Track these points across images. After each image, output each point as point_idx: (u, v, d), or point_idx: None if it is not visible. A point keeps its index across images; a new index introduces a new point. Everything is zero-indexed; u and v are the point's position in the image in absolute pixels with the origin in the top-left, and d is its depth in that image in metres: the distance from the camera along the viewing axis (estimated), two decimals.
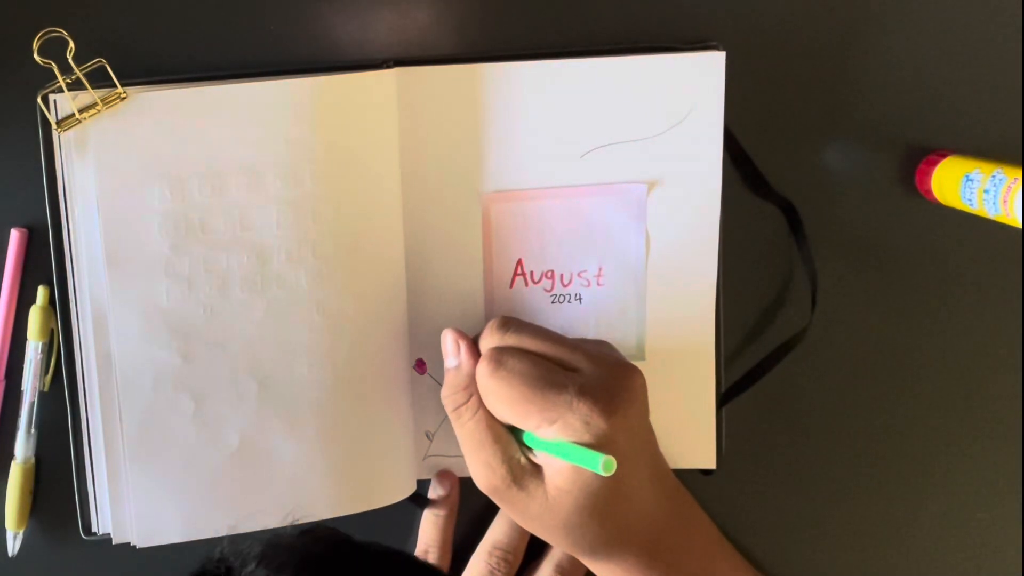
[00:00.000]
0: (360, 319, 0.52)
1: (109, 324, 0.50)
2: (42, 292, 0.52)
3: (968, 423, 0.58)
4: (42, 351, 0.52)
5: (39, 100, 0.49)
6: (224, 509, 0.51)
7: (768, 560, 0.57)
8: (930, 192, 0.54)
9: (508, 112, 0.52)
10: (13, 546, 0.53)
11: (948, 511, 0.58)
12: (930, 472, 0.58)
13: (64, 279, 0.50)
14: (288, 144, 0.49)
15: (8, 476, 0.52)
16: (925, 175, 0.54)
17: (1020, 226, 0.48)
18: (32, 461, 0.52)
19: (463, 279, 0.53)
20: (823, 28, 0.54)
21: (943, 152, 0.54)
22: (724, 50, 0.52)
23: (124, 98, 0.48)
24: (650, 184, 0.53)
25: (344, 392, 0.52)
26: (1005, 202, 0.49)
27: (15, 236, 0.51)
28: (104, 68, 0.48)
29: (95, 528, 0.52)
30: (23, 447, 0.52)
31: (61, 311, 0.51)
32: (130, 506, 0.51)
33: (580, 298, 0.54)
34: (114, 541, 0.51)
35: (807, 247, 0.55)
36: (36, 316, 0.51)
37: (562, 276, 0.54)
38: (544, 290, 0.54)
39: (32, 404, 0.52)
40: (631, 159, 0.52)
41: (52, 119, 0.48)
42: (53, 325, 0.52)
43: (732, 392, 0.55)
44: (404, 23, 0.52)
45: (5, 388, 0.52)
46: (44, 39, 0.48)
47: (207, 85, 0.49)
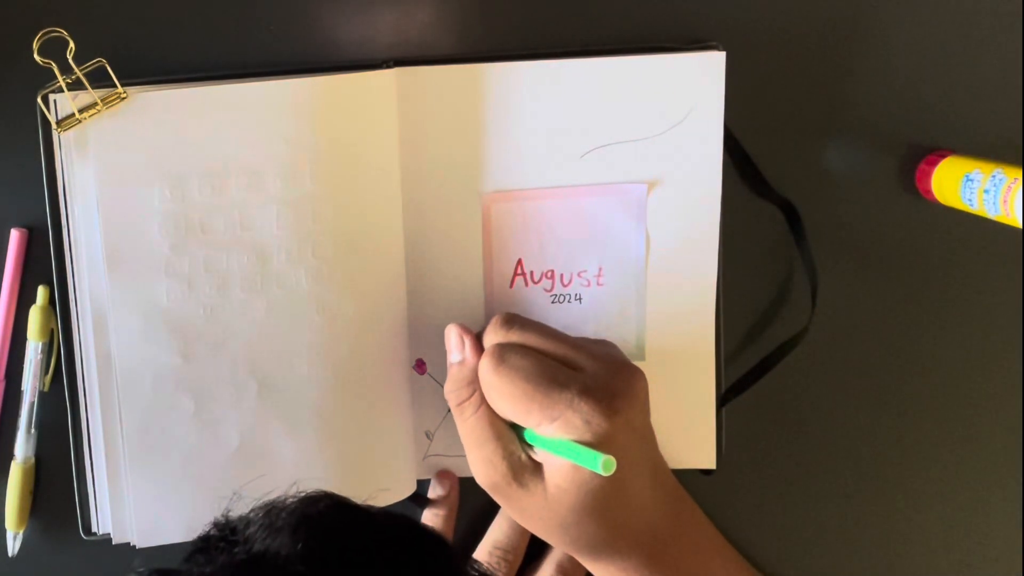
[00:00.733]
0: (360, 319, 0.52)
1: (109, 324, 0.50)
2: (42, 292, 0.52)
3: (968, 423, 0.58)
4: (42, 351, 0.52)
5: (39, 100, 0.49)
6: (224, 509, 0.51)
7: (768, 560, 0.57)
8: (930, 192, 0.54)
9: (508, 112, 0.52)
10: (13, 546, 0.53)
11: (948, 511, 0.58)
12: (930, 472, 0.58)
13: (64, 279, 0.50)
14: (288, 144, 0.49)
15: (8, 476, 0.52)
16: (925, 175, 0.54)
17: (1020, 226, 0.48)
18: (32, 461, 0.53)
19: (463, 279, 0.53)
20: (823, 28, 0.54)
21: (943, 152, 0.54)
22: (724, 50, 0.52)
23: (124, 98, 0.48)
24: (650, 184, 0.53)
25: (344, 392, 0.52)
26: (1005, 202, 0.49)
27: (15, 236, 0.51)
28: (104, 68, 0.48)
29: (95, 528, 0.52)
30: (23, 447, 0.52)
31: (61, 311, 0.51)
32: (130, 506, 0.51)
33: (580, 298, 0.54)
34: (114, 541, 0.51)
35: (807, 247, 0.55)
36: (36, 316, 0.51)
37: (562, 276, 0.54)
38: (544, 290, 0.54)
39: (32, 404, 0.52)
40: (631, 159, 0.52)
41: (52, 119, 0.48)
42: (53, 325, 0.52)
43: (732, 392, 0.55)
44: (404, 23, 0.52)
45: (5, 388, 0.52)
46: (44, 39, 0.48)
47: (207, 85, 0.49)
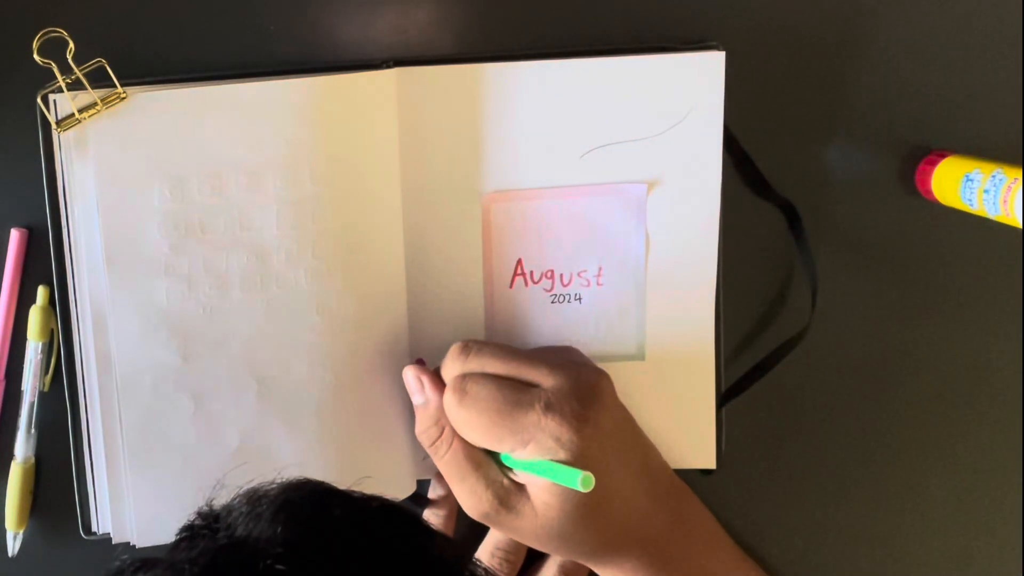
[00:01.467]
0: (360, 319, 0.52)
1: (109, 324, 0.50)
2: (42, 292, 0.52)
3: (968, 423, 0.58)
4: (42, 351, 0.52)
5: (39, 100, 0.49)
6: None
7: (768, 560, 0.57)
8: (930, 192, 0.54)
9: (508, 112, 0.52)
10: (13, 546, 0.53)
11: (948, 511, 0.58)
12: (930, 472, 0.58)
13: (64, 279, 0.50)
14: (288, 144, 0.49)
15: (8, 476, 0.52)
16: (925, 175, 0.54)
17: (1020, 226, 0.48)
18: (32, 461, 0.52)
19: (463, 279, 0.53)
20: (823, 28, 0.54)
21: (943, 152, 0.54)
22: (724, 50, 0.51)
23: (124, 98, 0.48)
24: (650, 184, 0.53)
25: (343, 392, 0.52)
26: (1005, 202, 0.49)
27: (15, 236, 0.51)
28: (104, 68, 0.48)
29: (95, 528, 0.52)
30: (23, 447, 0.52)
31: (61, 311, 0.51)
32: (130, 506, 0.51)
33: (580, 298, 0.54)
34: (114, 541, 0.51)
35: (807, 247, 0.55)
36: (36, 316, 0.51)
37: (562, 276, 0.54)
38: (544, 290, 0.54)
39: (32, 404, 0.52)
40: (631, 159, 0.52)
41: (52, 119, 0.48)
42: (53, 325, 0.52)
43: (732, 392, 0.55)
44: (404, 23, 0.52)
45: (5, 388, 0.52)
46: (44, 39, 0.48)
47: (207, 85, 0.49)
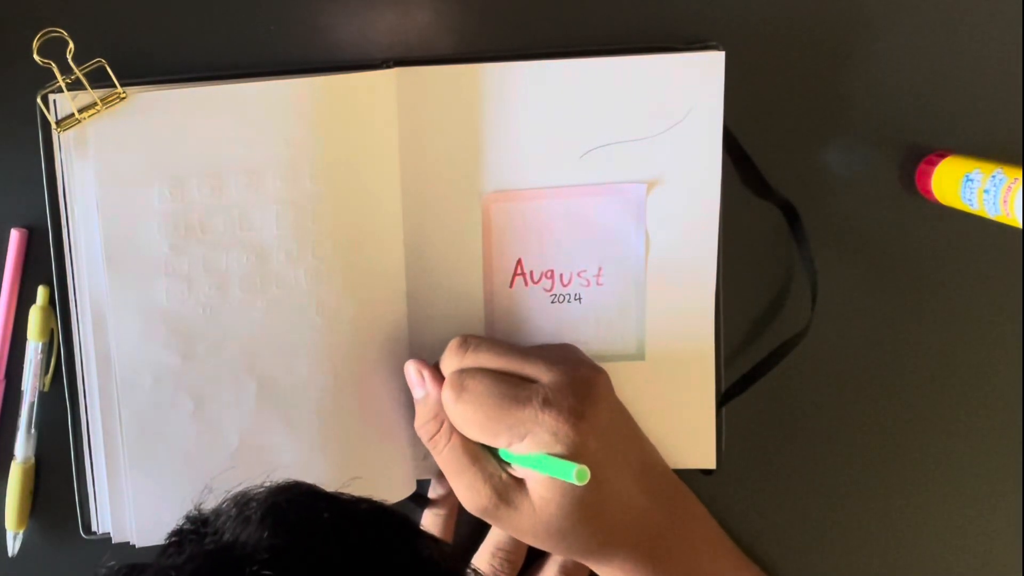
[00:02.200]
0: (360, 319, 0.52)
1: (109, 324, 0.50)
2: (42, 292, 0.52)
3: (968, 423, 0.58)
4: (42, 351, 0.52)
5: (39, 100, 0.49)
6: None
7: (768, 560, 0.57)
8: (930, 192, 0.54)
9: (508, 112, 0.52)
10: (13, 546, 0.53)
11: (948, 511, 0.58)
12: (930, 472, 0.58)
13: (64, 279, 0.50)
14: (288, 144, 0.49)
15: (8, 476, 0.52)
16: (925, 175, 0.54)
17: (1020, 226, 0.48)
18: (32, 461, 0.53)
19: (463, 279, 0.53)
20: (823, 28, 0.54)
21: (943, 152, 0.54)
22: (724, 50, 0.51)
23: (124, 98, 0.48)
24: (650, 184, 0.53)
25: (344, 392, 0.52)
26: (1005, 202, 0.49)
27: (15, 236, 0.51)
28: (104, 68, 0.48)
29: (95, 528, 0.52)
30: (23, 447, 0.52)
31: (61, 311, 0.51)
32: (130, 506, 0.51)
33: (580, 298, 0.54)
34: (114, 541, 0.51)
35: (807, 247, 0.55)
36: (36, 316, 0.51)
37: (562, 276, 0.54)
38: (544, 290, 0.54)
39: (32, 404, 0.52)
40: (631, 159, 0.52)
41: (52, 119, 0.48)
42: (53, 325, 0.52)
43: (732, 392, 0.55)
44: (404, 23, 0.52)
45: (5, 388, 0.52)
46: (44, 39, 0.48)
47: (207, 85, 0.49)
